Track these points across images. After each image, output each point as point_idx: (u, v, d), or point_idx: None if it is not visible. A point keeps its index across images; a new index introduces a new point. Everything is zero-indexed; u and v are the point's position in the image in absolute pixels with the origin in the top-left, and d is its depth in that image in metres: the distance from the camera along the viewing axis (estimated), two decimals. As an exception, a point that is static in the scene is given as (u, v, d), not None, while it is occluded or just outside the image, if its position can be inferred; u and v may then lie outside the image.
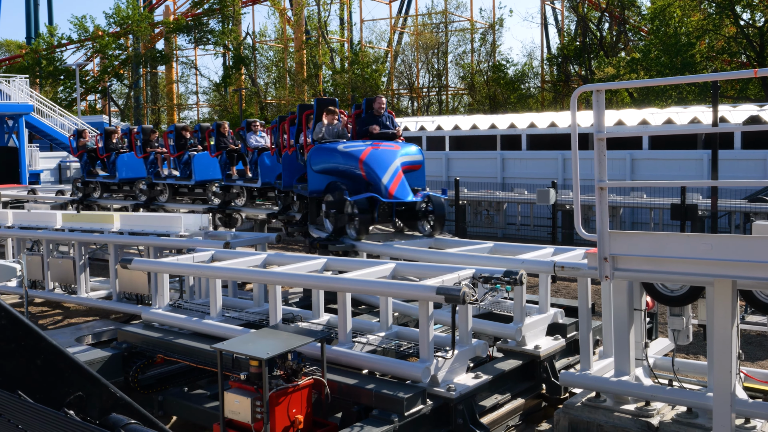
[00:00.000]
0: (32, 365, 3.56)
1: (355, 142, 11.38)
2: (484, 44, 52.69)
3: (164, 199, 18.71)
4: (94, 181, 20.55)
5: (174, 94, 67.02)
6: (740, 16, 36.09)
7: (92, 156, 20.59)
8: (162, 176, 18.36)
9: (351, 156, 10.93)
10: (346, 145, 11.19)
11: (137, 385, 8.45)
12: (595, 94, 5.35)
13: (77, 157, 21.18)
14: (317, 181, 11.41)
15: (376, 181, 10.62)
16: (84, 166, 20.88)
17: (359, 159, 10.79)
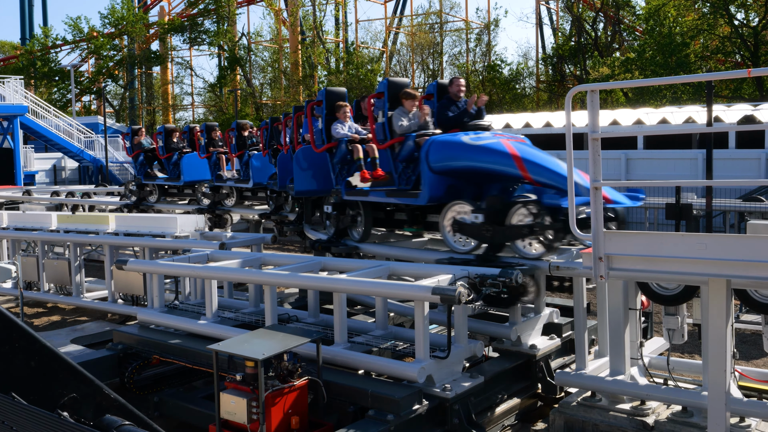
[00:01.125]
0: (26, 367, 3.56)
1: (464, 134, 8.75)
2: (479, 44, 52.74)
3: (231, 204, 17.00)
4: (151, 184, 19.16)
5: (169, 94, 66.90)
6: (734, 15, 36.19)
7: (149, 156, 19.18)
8: (224, 179, 16.78)
9: (497, 152, 8.19)
10: (476, 139, 8.52)
11: (133, 386, 8.45)
12: (590, 94, 5.36)
13: (132, 158, 19.89)
14: (435, 184, 8.65)
15: (555, 182, 7.84)
16: (140, 168, 19.43)
17: (512, 155, 8.07)
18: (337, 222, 10.14)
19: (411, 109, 9.03)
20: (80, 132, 41.58)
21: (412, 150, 8.87)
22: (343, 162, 10.09)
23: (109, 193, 25.84)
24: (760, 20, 35.19)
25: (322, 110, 10.51)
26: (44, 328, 12.44)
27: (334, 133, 10.13)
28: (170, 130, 18.66)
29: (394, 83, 9.56)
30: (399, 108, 9.04)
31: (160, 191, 19.14)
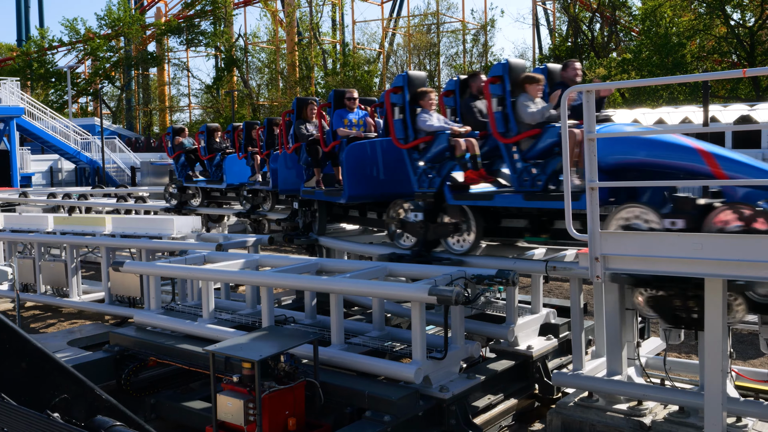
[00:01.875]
0: (17, 368, 3.55)
1: None
2: (476, 45, 52.84)
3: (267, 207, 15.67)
4: (193, 186, 17.75)
5: (166, 96, 66.92)
6: (730, 16, 36.26)
7: (191, 158, 17.66)
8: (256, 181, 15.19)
9: (681, 147, 6.89)
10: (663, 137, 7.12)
11: (129, 388, 8.43)
12: (585, 94, 5.37)
13: (173, 159, 18.44)
14: None
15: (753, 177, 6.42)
16: (181, 169, 17.94)
17: (698, 150, 6.78)
18: (426, 232, 8.49)
19: (536, 95, 7.65)
20: (77, 134, 41.57)
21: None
22: (435, 159, 8.34)
23: (105, 195, 25.81)
24: (756, 20, 35.27)
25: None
26: (41, 330, 12.42)
27: (424, 125, 8.32)
28: (212, 130, 17.29)
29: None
30: (523, 94, 7.60)
31: (203, 194, 17.71)
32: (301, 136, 10.90)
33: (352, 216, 10.86)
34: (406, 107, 8.48)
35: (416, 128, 8.43)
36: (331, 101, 10.31)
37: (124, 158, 42.28)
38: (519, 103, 7.47)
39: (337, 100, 10.18)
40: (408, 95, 8.49)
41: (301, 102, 11.25)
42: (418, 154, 8.47)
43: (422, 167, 8.45)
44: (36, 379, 3.58)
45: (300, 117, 11.12)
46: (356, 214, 10.72)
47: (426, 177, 8.42)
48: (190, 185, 17.73)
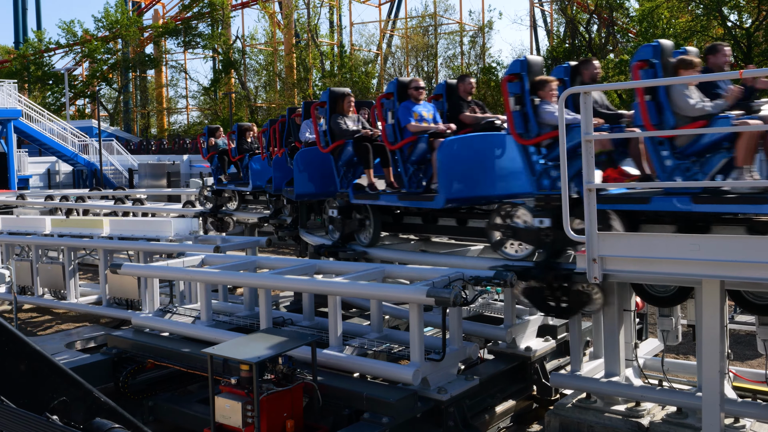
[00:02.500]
0: (15, 370, 3.55)
1: None
2: (473, 47, 52.83)
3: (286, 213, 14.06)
4: (230, 189, 16.43)
5: (163, 98, 66.89)
6: (728, 17, 36.29)
7: (224, 159, 16.47)
8: None
9: None
10: None
11: (127, 391, 8.41)
12: (583, 96, 5.38)
13: (207, 160, 17.28)
14: None
15: None
16: (215, 172, 16.80)
17: None
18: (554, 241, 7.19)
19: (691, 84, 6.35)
20: (74, 136, 41.54)
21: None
22: None
23: (103, 197, 25.80)
24: (753, 22, 35.32)
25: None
26: (38, 333, 12.40)
27: (548, 117, 7.01)
28: (244, 129, 16.11)
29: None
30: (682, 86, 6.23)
31: (239, 198, 16.42)
32: (341, 132, 9.39)
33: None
34: (526, 97, 7.24)
35: (539, 122, 7.16)
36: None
37: (122, 160, 42.26)
38: (676, 91, 6.21)
39: (401, 90, 8.77)
40: (527, 84, 7.28)
41: (336, 94, 9.63)
42: (544, 150, 7.23)
43: (544, 165, 7.24)
44: (35, 381, 3.58)
45: (335, 111, 9.53)
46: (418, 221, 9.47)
47: (548, 176, 7.23)
48: (220, 188, 16.66)
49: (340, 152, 9.47)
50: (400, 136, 8.51)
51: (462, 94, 8.79)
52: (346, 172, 9.57)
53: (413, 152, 8.46)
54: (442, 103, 9.14)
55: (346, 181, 9.48)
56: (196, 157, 41.31)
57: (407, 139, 8.42)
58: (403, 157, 8.55)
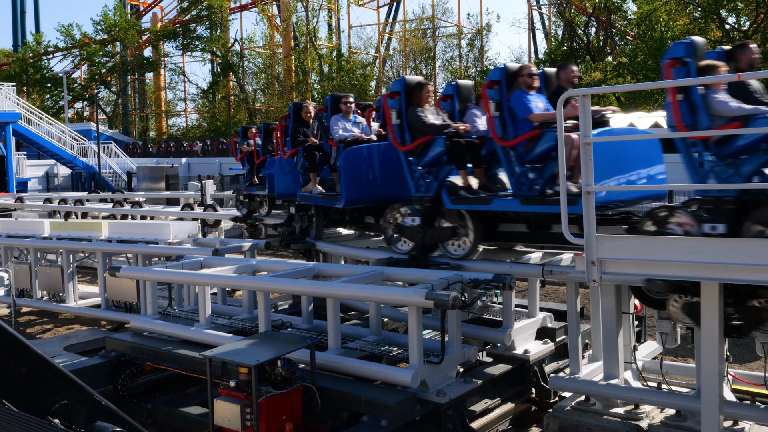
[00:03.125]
0: (17, 374, 3.55)
1: None
2: (471, 49, 52.87)
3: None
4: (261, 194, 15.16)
5: (162, 101, 66.93)
6: (725, 20, 36.36)
7: (253, 161, 15.38)
8: None
9: None
10: None
11: (126, 394, 8.41)
12: (581, 99, 5.38)
13: (239, 161, 16.16)
14: None
15: None
16: (247, 175, 15.80)
17: None
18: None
19: None
20: (73, 139, 41.55)
21: None
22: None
23: (102, 200, 25.79)
24: (751, 24, 35.37)
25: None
26: (37, 336, 12.40)
27: (722, 107, 6.07)
28: (271, 128, 14.49)
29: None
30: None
31: (270, 202, 15.14)
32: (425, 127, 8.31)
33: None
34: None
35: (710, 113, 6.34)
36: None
37: (121, 163, 42.26)
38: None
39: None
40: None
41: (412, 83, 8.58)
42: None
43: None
44: (36, 385, 3.58)
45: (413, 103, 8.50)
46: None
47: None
48: (250, 193, 15.59)
49: (422, 150, 8.35)
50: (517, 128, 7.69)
51: (564, 83, 7.71)
52: (426, 173, 8.40)
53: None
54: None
55: (424, 184, 8.38)
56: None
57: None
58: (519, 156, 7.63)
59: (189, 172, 40.94)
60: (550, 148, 7.11)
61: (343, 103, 9.83)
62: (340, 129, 9.63)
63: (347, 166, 9.12)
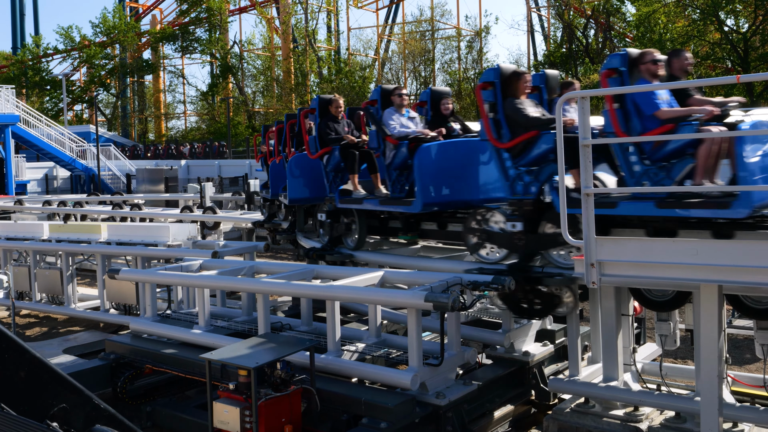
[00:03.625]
0: (16, 377, 3.55)
1: None
2: (470, 51, 52.91)
3: None
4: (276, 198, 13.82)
5: (161, 103, 66.94)
6: (724, 22, 36.39)
7: None
8: None
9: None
10: None
11: (125, 396, 8.41)
12: (580, 101, 5.39)
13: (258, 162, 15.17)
14: None
15: None
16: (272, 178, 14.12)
17: None
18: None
19: None
20: (72, 141, 41.54)
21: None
22: None
23: (101, 203, 25.79)
24: (750, 26, 35.41)
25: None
26: (36, 338, 12.39)
27: None
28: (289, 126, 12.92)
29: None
30: None
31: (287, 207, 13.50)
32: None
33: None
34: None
35: None
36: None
37: (120, 165, 42.26)
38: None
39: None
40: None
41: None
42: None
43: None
44: (35, 388, 3.58)
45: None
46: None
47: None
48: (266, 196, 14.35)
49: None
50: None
51: (677, 72, 6.82)
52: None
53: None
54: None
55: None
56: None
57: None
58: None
59: (188, 174, 40.95)
60: (685, 145, 6.14)
61: (396, 96, 8.93)
62: (397, 125, 8.71)
63: (422, 165, 8.14)
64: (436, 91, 9.39)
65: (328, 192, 9.84)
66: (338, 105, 9.75)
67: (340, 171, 9.74)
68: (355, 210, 9.28)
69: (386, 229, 9.65)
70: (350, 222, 9.47)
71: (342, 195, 9.25)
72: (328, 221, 9.69)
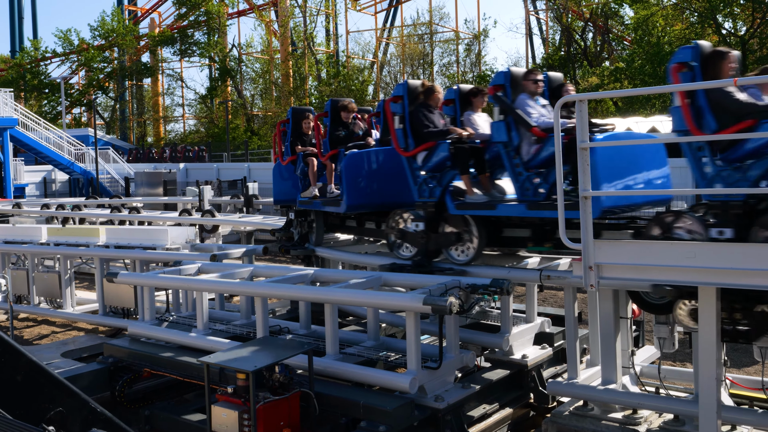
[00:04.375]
0: (11, 381, 3.54)
1: None
2: (469, 54, 52.98)
3: None
4: None
5: (160, 106, 66.92)
6: (722, 25, 36.46)
7: None
8: None
9: None
10: None
11: (124, 400, 8.39)
12: (578, 104, 5.39)
13: None
14: None
15: None
16: None
17: None
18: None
19: None
20: (70, 144, 41.54)
21: None
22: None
23: (99, 206, 25.77)
24: (747, 29, 35.48)
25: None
26: (34, 342, 12.37)
27: None
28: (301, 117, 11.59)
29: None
30: None
31: None
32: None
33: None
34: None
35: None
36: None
37: (118, 169, 42.25)
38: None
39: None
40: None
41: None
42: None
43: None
44: (31, 392, 3.57)
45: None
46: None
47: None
48: None
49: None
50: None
51: None
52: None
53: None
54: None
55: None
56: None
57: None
58: None
59: (187, 177, 40.92)
60: None
61: (531, 81, 7.58)
62: (537, 114, 7.41)
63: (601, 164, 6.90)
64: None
65: (417, 197, 8.44)
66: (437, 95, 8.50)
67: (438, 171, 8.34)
68: (473, 217, 8.00)
69: (504, 239, 8.34)
70: (461, 232, 8.12)
71: (455, 198, 8.03)
72: (421, 231, 8.35)
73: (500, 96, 7.44)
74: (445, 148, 7.95)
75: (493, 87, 7.47)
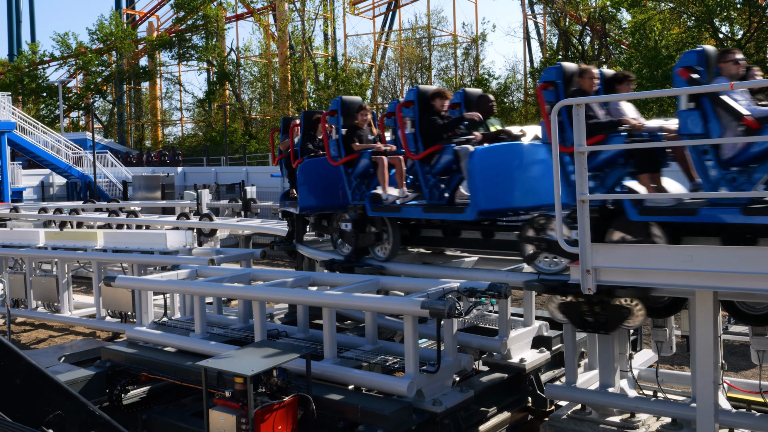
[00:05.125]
0: (11, 384, 3.54)
1: None
2: (467, 58, 53.06)
3: None
4: None
5: (158, 110, 66.89)
6: (719, 29, 36.53)
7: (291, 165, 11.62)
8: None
9: None
10: None
11: (121, 404, 8.38)
12: (575, 108, 5.41)
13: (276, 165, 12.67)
14: None
15: None
16: None
17: None
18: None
19: None
20: (68, 148, 41.50)
21: None
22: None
23: (97, 210, 25.75)
24: (744, 33, 35.56)
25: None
26: (32, 346, 12.36)
27: None
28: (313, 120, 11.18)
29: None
30: None
31: None
32: None
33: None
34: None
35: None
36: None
37: (116, 172, 42.23)
38: None
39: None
40: None
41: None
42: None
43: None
44: (30, 395, 3.57)
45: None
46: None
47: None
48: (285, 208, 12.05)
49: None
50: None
51: None
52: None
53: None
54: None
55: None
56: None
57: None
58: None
59: (185, 181, 40.91)
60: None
61: (731, 62, 6.32)
62: (743, 100, 6.16)
63: None
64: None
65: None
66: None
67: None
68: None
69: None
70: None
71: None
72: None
73: (697, 80, 6.06)
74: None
75: (683, 69, 6.12)
